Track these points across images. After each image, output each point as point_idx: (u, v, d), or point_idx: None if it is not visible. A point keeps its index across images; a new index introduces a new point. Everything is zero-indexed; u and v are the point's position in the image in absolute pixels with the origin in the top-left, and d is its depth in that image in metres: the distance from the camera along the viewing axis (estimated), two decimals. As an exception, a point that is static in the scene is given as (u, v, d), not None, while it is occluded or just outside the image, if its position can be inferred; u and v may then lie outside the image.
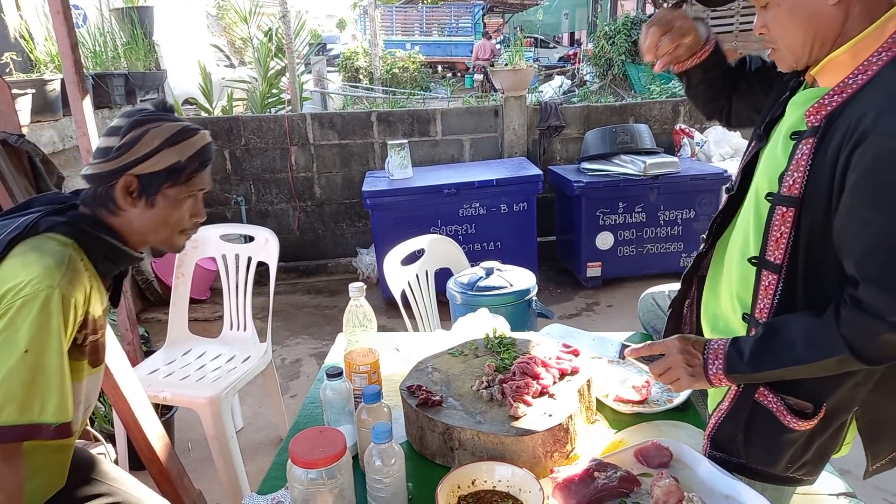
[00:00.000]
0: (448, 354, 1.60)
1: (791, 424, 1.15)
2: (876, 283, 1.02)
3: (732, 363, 1.16)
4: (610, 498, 1.20)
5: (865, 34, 1.04)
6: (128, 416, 1.91)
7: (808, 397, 1.14)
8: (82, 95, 2.40)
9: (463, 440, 1.30)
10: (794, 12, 1.08)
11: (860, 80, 1.04)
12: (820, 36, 1.08)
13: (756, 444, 1.21)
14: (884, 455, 1.20)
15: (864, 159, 0.99)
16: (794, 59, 1.14)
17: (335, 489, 1.14)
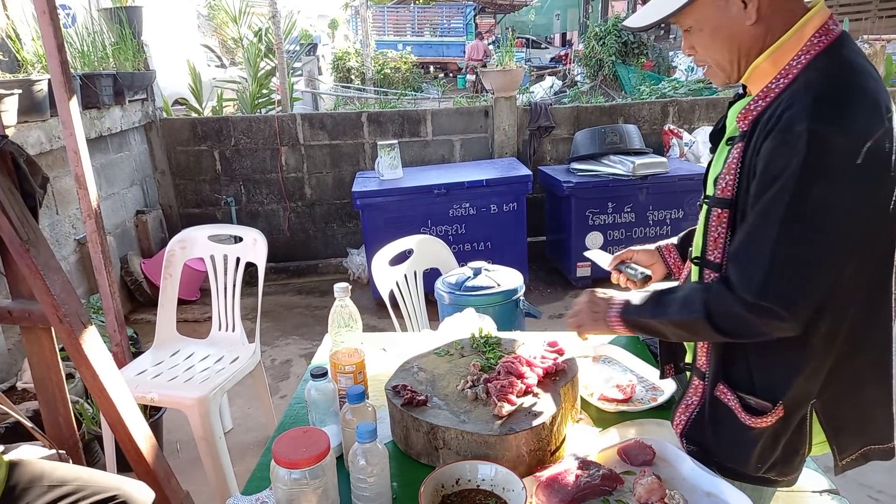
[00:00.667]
0: (434, 354, 1.61)
1: (749, 422, 1.17)
2: (734, 261, 1.11)
3: (626, 308, 1.29)
4: (593, 496, 1.20)
5: (783, 40, 1.08)
6: (114, 417, 1.90)
7: (764, 395, 1.16)
8: (69, 96, 2.39)
9: (447, 440, 1.30)
10: (716, 35, 1.13)
11: (781, 83, 1.08)
12: (744, 53, 1.13)
13: (725, 441, 1.22)
14: (851, 450, 1.21)
15: (763, 151, 1.05)
16: (726, 76, 1.18)
17: (319, 489, 1.15)
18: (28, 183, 1.83)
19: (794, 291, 1.03)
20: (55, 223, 3.61)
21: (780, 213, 1.01)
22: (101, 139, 4.13)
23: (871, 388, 1.18)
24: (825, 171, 0.98)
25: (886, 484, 2.46)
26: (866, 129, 0.98)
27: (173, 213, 5.04)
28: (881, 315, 1.16)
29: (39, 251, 1.79)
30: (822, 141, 0.97)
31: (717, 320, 1.11)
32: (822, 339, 1.11)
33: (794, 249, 1.02)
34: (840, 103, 0.99)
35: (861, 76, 1.02)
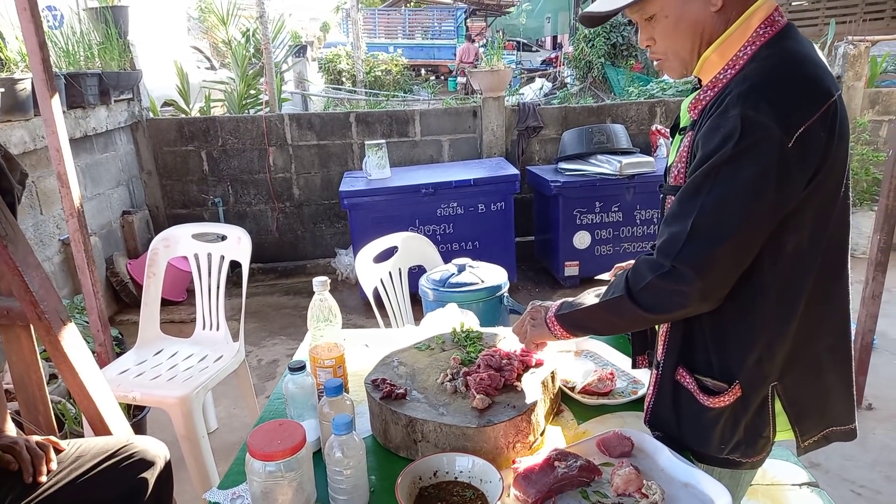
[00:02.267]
0: (415, 349, 1.60)
1: (707, 402, 1.19)
2: (661, 233, 1.14)
3: (561, 306, 1.32)
4: (570, 487, 1.20)
5: (730, 32, 1.10)
6: (94, 416, 1.88)
7: (722, 377, 1.19)
8: (51, 94, 2.37)
9: (426, 432, 1.30)
10: (680, 22, 1.13)
11: (729, 74, 1.11)
12: (706, 41, 1.14)
13: (686, 424, 1.25)
14: (813, 432, 1.23)
15: (700, 135, 1.10)
16: (684, 67, 1.19)
17: (294, 482, 1.14)
18: (6, 179, 1.82)
19: (705, 259, 1.06)
20: (39, 223, 3.58)
21: (707, 188, 1.05)
22: (86, 139, 4.10)
23: (829, 372, 1.20)
24: (754, 152, 1.01)
25: (868, 478, 2.48)
26: (799, 114, 1.00)
27: (160, 214, 5.01)
28: (836, 300, 1.18)
29: (18, 247, 1.78)
30: (752, 124, 1.00)
31: (637, 296, 1.14)
32: (771, 319, 1.13)
33: (712, 220, 1.05)
34: (773, 90, 1.02)
35: (800, 64, 1.05)
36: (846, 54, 5.07)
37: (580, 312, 1.29)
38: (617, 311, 1.20)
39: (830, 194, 1.09)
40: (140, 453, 1.60)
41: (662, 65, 1.22)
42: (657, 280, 1.11)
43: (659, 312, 1.16)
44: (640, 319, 1.20)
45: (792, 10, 9.87)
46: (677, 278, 1.08)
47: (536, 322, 1.37)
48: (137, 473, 1.57)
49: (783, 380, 1.17)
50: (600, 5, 1.18)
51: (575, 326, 1.32)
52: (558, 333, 1.33)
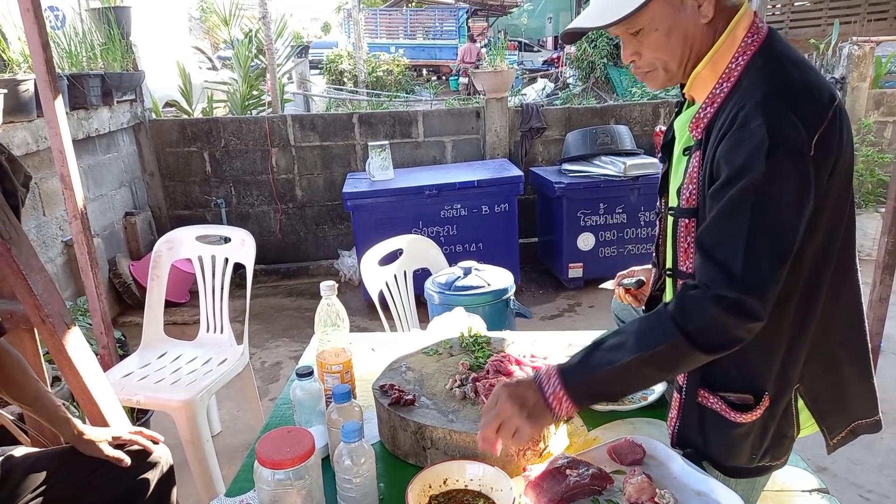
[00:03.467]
0: (422, 353, 1.59)
1: (738, 419, 1.16)
2: (708, 259, 1.04)
3: (567, 373, 1.10)
4: (582, 495, 1.19)
5: (718, 45, 1.09)
6: (98, 419, 1.87)
7: (746, 389, 1.16)
8: (54, 95, 2.36)
9: (435, 439, 1.29)
10: (671, 34, 1.10)
11: (725, 88, 1.09)
12: (695, 53, 1.12)
13: (714, 442, 1.22)
14: (840, 428, 1.22)
15: (722, 152, 1.05)
16: (669, 78, 1.16)
17: (303, 490, 1.13)
18: (10, 181, 1.81)
19: (769, 282, 1.01)
20: (42, 225, 3.57)
21: (748, 207, 1.00)
22: (88, 140, 4.09)
23: (846, 366, 1.20)
24: (789, 162, 0.99)
25: (876, 482, 2.46)
26: (814, 120, 0.99)
27: (163, 215, 5.00)
28: (846, 296, 1.17)
29: (21, 250, 1.76)
30: (781, 134, 0.98)
31: (696, 336, 1.02)
32: (793, 324, 1.12)
33: (766, 241, 1.01)
34: (788, 98, 1.00)
35: (801, 70, 1.04)
36: (851, 55, 5.05)
37: (604, 376, 1.08)
38: (670, 360, 1.06)
39: (841, 196, 1.08)
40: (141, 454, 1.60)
41: (647, 76, 1.19)
42: (722, 314, 1.00)
43: (720, 351, 1.05)
44: (692, 363, 1.08)
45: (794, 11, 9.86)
46: (747, 311, 1.00)
47: (532, 409, 1.09)
48: (138, 474, 1.57)
49: (803, 380, 1.17)
50: (587, 21, 1.14)
51: (594, 396, 1.12)
52: (565, 413, 1.10)
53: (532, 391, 1.11)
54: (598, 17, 1.11)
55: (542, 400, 1.10)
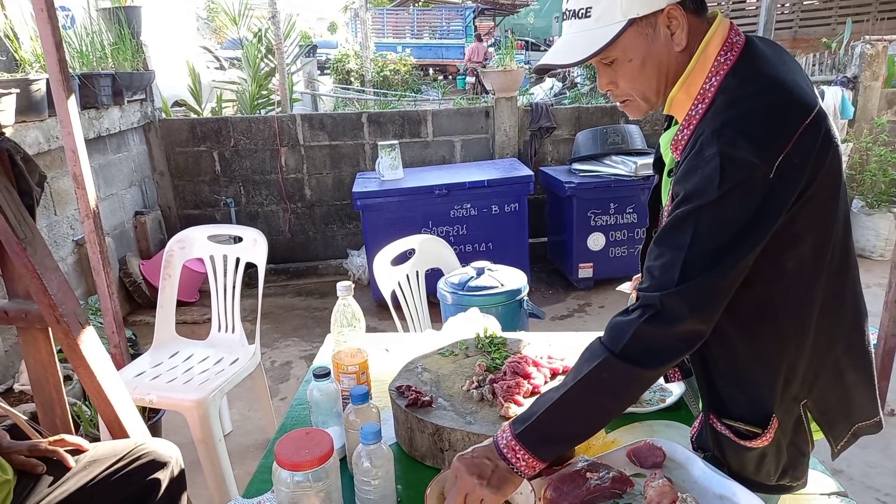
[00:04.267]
0: (438, 354, 1.58)
1: (750, 445, 1.15)
2: (645, 272, 1.06)
3: (516, 422, 1.09)
4: (602, 499, 1.17)
5: (690, 67, 1.07)
6: (111, 419, 1.87)
7: (753, 414, 1.14)
8: (67, 95, 2.36)
9: (453, 441, 1.28)
10: (646, 63, 1.08)
11: (700, 109, 1.06)
12: (671, 81, 1.10)
13: (732, 459, 1.21)
14: (844, 434, 1.21)
15: (679, 175, 1.05)
16: (649, 106, 1.15)
17: (322, 492, 1.12)
18: (25, 181, 1.80)
19: (700, 292, 1.00)
20: (53, 224, 3.58)
21: (692, 226, 1.00)
22: (99, 139, 4.10)
23: (850, 371, 1.18)
24: (739, 190, 0.97)
25: (892, 485, 2.44)
26: (776, 144, 0.96)
27: (172, 215, 5.01)
28: (845, 301, 1.15)
29: (36, 250, 1.76)
30: (733, 163, 0.96)
31: (625, 352, 1.03)
32: (789, 340, 1.10)
33: (704, 259, 0.99)
34: (747, 123, 0.98)
35: (769, 91, 1.00)
36: (863, 54, 5.01)
37: (550, 414, 1.06)
38: (603, 383, 1.05)
39: (825, 204, 1.05)
40: (152, 455, 1.60)
41: (626, 106, 1.17)
42: (644, 325, 1.01)
43: (657, 363, 1.05)
44: (637, 382, 1.07)
45: (804, 10, 9.81)
46: (668, 318, 1.00)
47: (490, 476, 1.05)
48: (149, 474, 1.57)
49: (811, 394, 1.15)
50: (560, 58, 1.12)
51: (548, 440, 1.08)
52: (526, 466, 1.06)
53: (489, 456, 1.09)
54: (570, 53, 1.09)
55: (501, 459, 1.07)
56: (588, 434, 1.16)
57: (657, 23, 1.05)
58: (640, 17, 1.04)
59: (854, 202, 5.03)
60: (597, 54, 1.05)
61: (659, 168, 1.30)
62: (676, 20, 1.04)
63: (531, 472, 1.09)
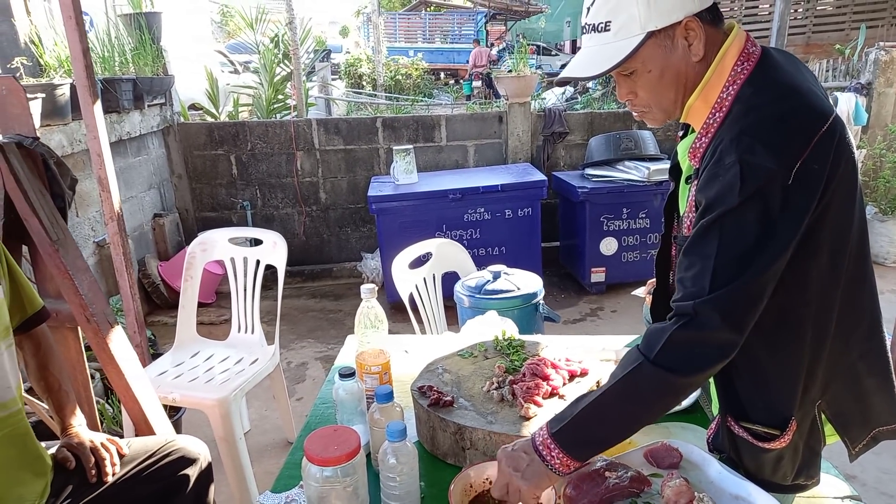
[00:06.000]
0: (458, 356, 1.62)
1: (767, 446, 1.18)
2: (678, 277, 1.08)
3: (552, 421, 1.13)
4: (621, 497, 1.20)
5: (708, 76, 1.09)
6: (138, 416, 1.92)
7: (772, 417, 1.17)
8: (93, 99, 2.42)
9: (475, 440, 1.31)
10: (664, 74, 1.11)
11: (718, 117, 1.09)
12: (689, 90, 1.12)
13: (750, 463, 1.23)
14: (861, 438, 1.23)
15: (700, 184, 1.07)
16: (667, 116, 1.18)
17: (349, 487, 1.16)
18: (57, 184, 1.87)
19: (728, 303, 1.02)
20: (75, 226, 3.65)
21: (717, 235, 1.02)
22: (120, 143, 4.17)
23: (866, 376, 1.20)
24: (760, 196, 0.99)
25: (909, 493, 2.45)
26: (793, 152, 0.99)
27: (189, 217, 5.08)
28: (861, 306, 1.17)
29: (68, 251, 1.82)
30: (753, 169, 0.99)
31: (658, 358, 1.05)
32: (809, 345, 1.12)
33: (732, 266, 1.02)
34: (765, 131, 1.00)
35: (786, 98, 1.03)
36: (877, 60, 5.01)
37: (585, 417, 1.10)
38: (638, 388, 1.08)
39: (843, 211, 1.08)
40: (182, 451, 1.65)
41: (645, 116, 1.20)
42: (678, 332, 1.04)
43: (691, 371, 1.06)
44: (671, 390, 1.09)
45: (818, 15, 9.78)
46: (701, 324, 1.03)
47: (525, 469, 1.11)
48: (179, 470, 1.62)
49: (825, 396, 1.17)
50: (581, 70, 1.15)
51: (583, 442, 1.12)
52: (561, 464, 1.11)
53: (526, 450, 1.13)
54: (591, 66, 1.12)
55: (537, 455, 1.11)
56: (621, 438, 1.18)
57: (675, 34, 1.08)
58: (659, 30, 1.06)
59: (868, 208, 5.02)
60: (616, 67, 1.08)
61: (675, 175, 1.32)
62: (694, 31, 1.07)
63: (566, 470, 1.12)
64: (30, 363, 1.61)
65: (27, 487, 1.41)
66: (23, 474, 1.40)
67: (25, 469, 1.41)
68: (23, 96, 1.90)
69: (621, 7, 1.07)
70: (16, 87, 1.90)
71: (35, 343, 1.60)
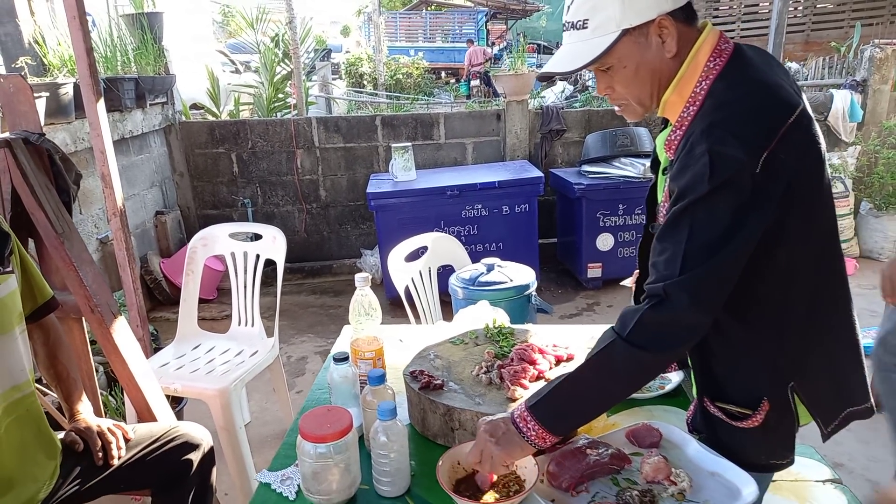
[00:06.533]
0: (449, 343, 1.68)
1: (741, 426, 1.23)
2: (651, 268, 1.14)
3: (532, 397, 1.20)
4: (602, 474, 1.26)
5: (682, 71, 1.15)
6: (141, 404, 1.98)
7: (745, 397, 1.22)
8: (96, 98, 2.48)
9: (463, 421, 1.37)
10: (639, 70, 1.17)
11: (692, 111, 1.14)
12: (663, 85, 1.18)
13: (727, 442, 1.28)
14: (833, 418, 1.27)
15: (673, 174, 1.13)
16: (644, 109, 1.23)
17: (342, 464, 1.22)
18: (62, 179, 1.93)
19: (696, 285, 1.08)
20: (78, 222, 3.71)
21: (688, 222, 1.08)
22: (122, 141, 4.24)
23: (837, 359, 1.26)
24: (729, 185, 1.05)
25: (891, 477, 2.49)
26: (761, 143, 1.04)
27: (191, 214, 5.15)
28: (833, 290, 1.23)
29: (73, 244, 1.88)
30: (722, 159, 1.04)
31: (631, 336, 1.11)
32: (781, 328, 1.18)
33: (702, 251, 1.07)
34: (734, 123, 1.06)
35: (754, 93, 1.09)
36: (872, 57, 5.05)
37: (560, 391, 1.16)
38: (610, 365, 1.15)
39: (811, 199, 1.13)
40: (185, 437, 1.71)
41: (623, 110, 1.26)
42: (650, 312, 1.10)
43: (660, 349, 1.12)
44: (642, 366, 1.15)
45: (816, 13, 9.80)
46: (671, 306, 1.09)
47: (500, 436, 1.17)
48: (183, 455, 1.68)
49: (799, 378, 1.22)
50: (560, 66, 1.20)
51: (558, 415, 1.17)
52: (537, 436, 1.16)
53: (504, 421, 1.20)
54: (569, 61, 1.18)
55: (513, 426, 1.18)
56: (594, 413, 1.25)
57: (649, 32, 1.13)
58: (633, 28, 1.12)
59: (862, 204, 5.06)
60: (593, 62, 1.15)
61: (655, 167, 1.38)
62: (667, 29, 1.13)
63: (542, 443, 1.18)
64: (39, 352, 1.67)
65: (40, 468, 1.47)
66: (37, 455, 1.46)
67: (39, 450, 1.47)
68: (30, 94, 1.96)
69: (598, 6, 1.13)
70: (23, 86, 1.96)
71: (45, 332, 1.66)
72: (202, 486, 1.72)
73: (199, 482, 1.71)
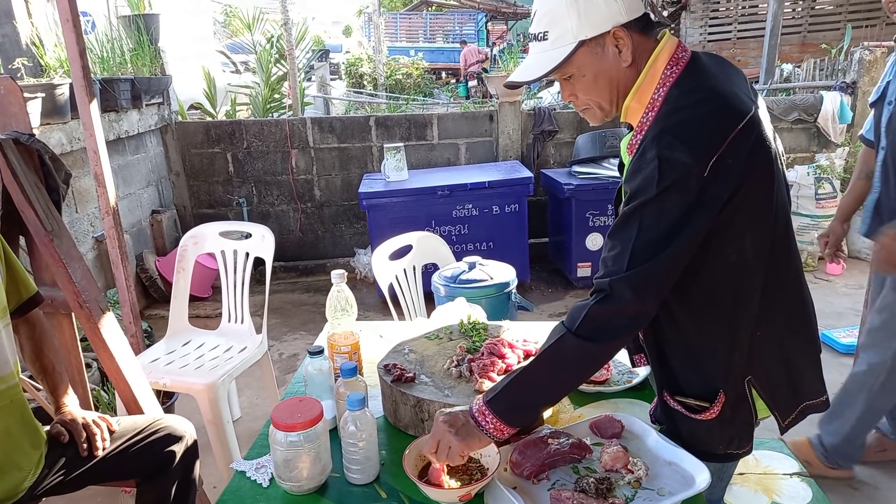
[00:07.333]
0: (424, 338, 1.73)
1: (699, 417, 1.29)
2: (601, 263, 1.21)
3: (489, 391, 1.26)
4: (563, 463, 1.31)
5: (641, 79, 1.20)
6: (129, 398, 2.03)
7: (702, 390, 1.29)
8: (90, 99, 2.53)
9: (432, 412, 1.42)
10: (598, 78, 1.23)
11: (650, 116, 1.20)
12: (622, 92, 1.24)
13: (686, 434, 1.34)
14: (790, 411, 1.33)
15: (626, 176, 1.20)
16: (605, 114, 1.30)
17: (312, 452, 1.27)
18: (52, 178, 1.98)
19: (640, 280, 1.14)
20: (74, 221, 3.77)
21: (637, 221, 1.14)
22: (118, 141, 4.30)
23: (796, 355, 1.31)
24: (676, 188, 1.11)
25: (867, 474, 2.53)
26: (709, 146, 1.10)
27: (187, 213, 5.21)
28: (788, 285, 1.28)
29: (62, 241, 1.94)
30: (670, 163, 1.10)
31: (579, 330, 1.18)
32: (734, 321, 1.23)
33: (648, 248, 1.13)
34: (683, 129, 1.12)
35: (706, 101, 1.14)
36: (861, 60, 5.10)
37: (516, 384, 1.22)
38: (561, 356, 1.21)
39: (761, 200, 1.18)
40: (168, 429, 1.76)
41: (586, 114, 1.32)
42: (596, 307, 1.17)
43: (607, 339, 1.19)
44: (590, 357, 1.22)
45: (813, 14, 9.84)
46: (615, 299, 1.15)
47: (459, 427, 1.22)
48: (166, 446, 1.73)
49: (754, 372, 1.28)
50: (524, 75, 1.27)
51: (514, 407, 1.22)
52: (495, 429, 1.22)
53: (464, 413, 1.25)
54: (532, 70, 1.24)
55: (472, 418, 1.23)
56: (548, 403, 1.32)
57: (605, 42, 1.19)
58: (590, 39, 1.18)
59: (852, 205, 5.09)
60: (553, 72, 1.21)
61: (622, 169, 1.44)
62: (622, 40, 1.19)
63: (500, 435, 1.23)
64: (26, 346, 1.73)
65: (25, 457, 1.53)
66: (21, 443, 1.52)
67: (24, 439, 1.53)
68: (20, 96, 2.02)
69: (557, 20, 1.19)
70: (13, 87, 2.02)
71: (31, 326, 1.72)
72: (185, 478, 1.78)
73: (183, 474, 1.77)
